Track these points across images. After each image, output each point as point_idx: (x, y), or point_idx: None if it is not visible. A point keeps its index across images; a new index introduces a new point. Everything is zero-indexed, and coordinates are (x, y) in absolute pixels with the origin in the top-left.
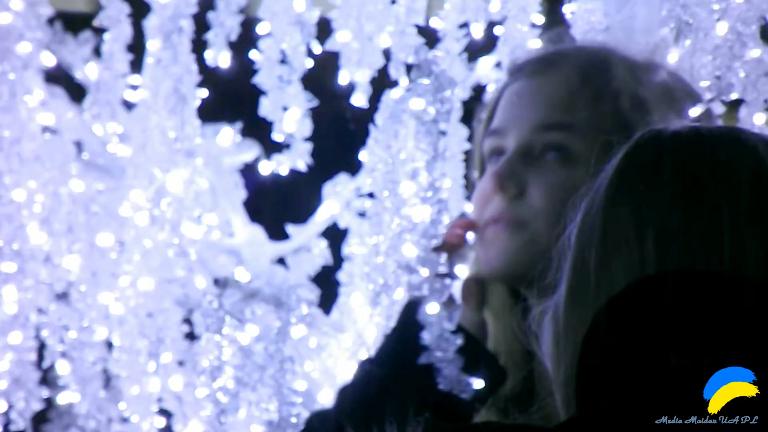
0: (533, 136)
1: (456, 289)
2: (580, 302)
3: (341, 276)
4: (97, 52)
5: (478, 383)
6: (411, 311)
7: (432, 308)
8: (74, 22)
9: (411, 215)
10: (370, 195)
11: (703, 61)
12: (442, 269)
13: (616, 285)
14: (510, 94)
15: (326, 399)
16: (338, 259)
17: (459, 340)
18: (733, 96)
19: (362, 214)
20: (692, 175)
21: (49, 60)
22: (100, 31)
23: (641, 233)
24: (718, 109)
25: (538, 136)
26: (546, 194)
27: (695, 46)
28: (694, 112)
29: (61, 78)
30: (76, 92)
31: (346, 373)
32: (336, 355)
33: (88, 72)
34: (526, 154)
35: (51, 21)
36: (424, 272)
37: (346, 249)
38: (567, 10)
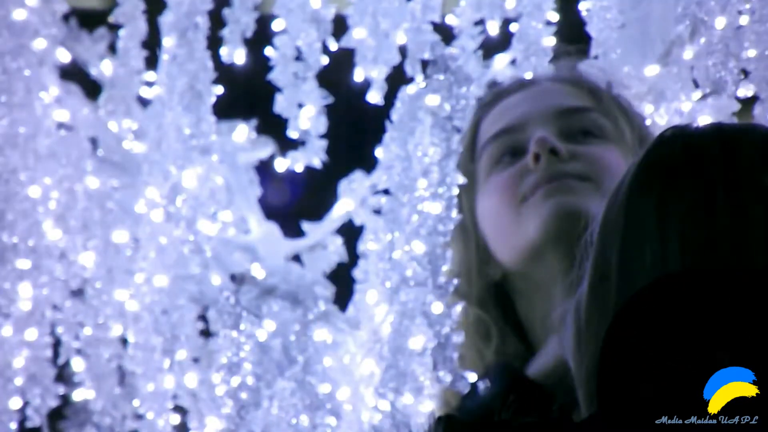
0: (561, 119)
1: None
2: (601, 300)
3: (357, 273)
4: (112, 48)
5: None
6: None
7: (436, 307)
8: (89, 19)
9: (424, 211)
10: (386, 192)
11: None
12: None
13: (639, 283)
14: (505, 105)
15: (344, 396)
16: (354, 256)
17: (460, 338)
18: (745, 92)
19: (378, 211)
20: (716, 173)
21: (64, 56)
22: (115, 28)
23: (664, 231)
24: (732, 105)
25: (567, 119)
26: (598, 157)
27: (710, 44)
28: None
29: (76, 74)
30: (92, 89)
31: (363, 369)
32: (352, 352)
33: (103, 68)
34: (560, 133)
35: (66, 17)
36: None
37: (362, 246)
38: (582, 7)
